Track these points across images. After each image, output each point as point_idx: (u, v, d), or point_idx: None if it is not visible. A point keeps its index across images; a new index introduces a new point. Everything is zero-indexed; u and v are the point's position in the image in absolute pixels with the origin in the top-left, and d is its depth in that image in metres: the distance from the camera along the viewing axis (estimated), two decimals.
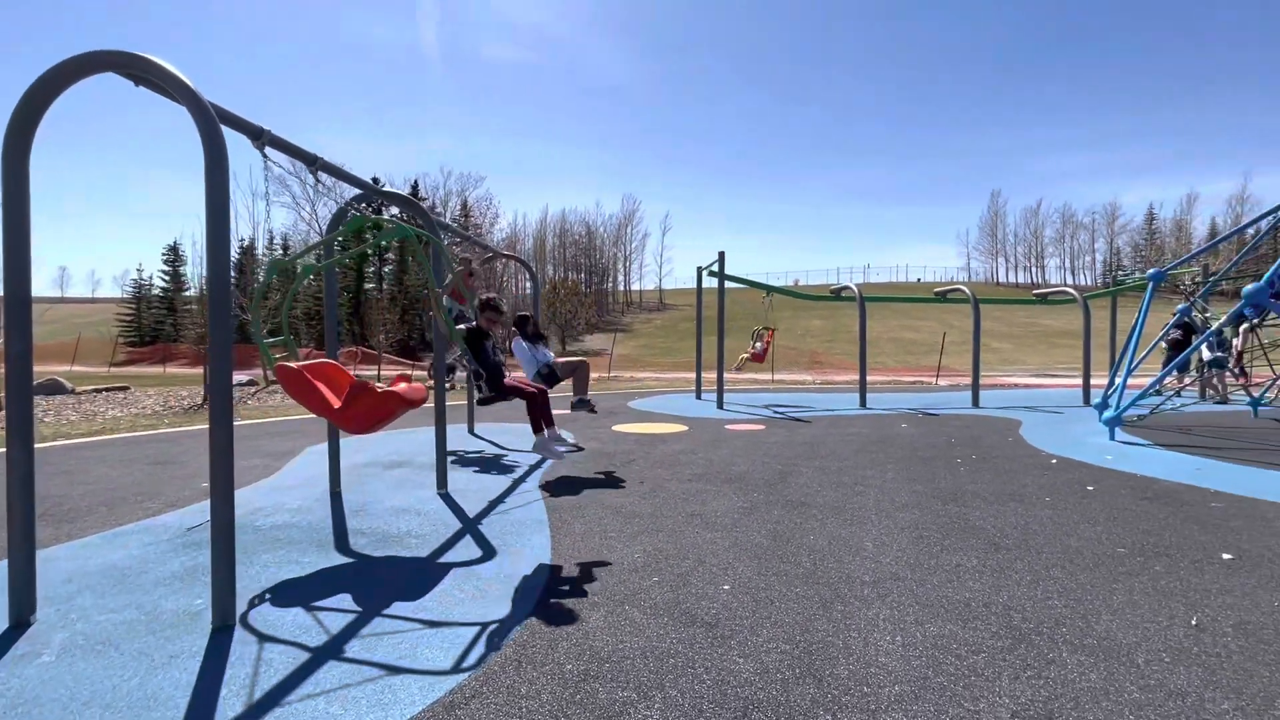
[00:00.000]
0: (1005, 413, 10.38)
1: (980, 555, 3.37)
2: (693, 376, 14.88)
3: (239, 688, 2.08)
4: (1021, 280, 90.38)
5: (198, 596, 2.80)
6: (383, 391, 3.29)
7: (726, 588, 2.94)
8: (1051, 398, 13.48)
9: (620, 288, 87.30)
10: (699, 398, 12.93)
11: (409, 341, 48.72)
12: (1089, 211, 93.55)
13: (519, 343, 6.19)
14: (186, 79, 2.56)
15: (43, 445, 6.73)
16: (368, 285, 56.20)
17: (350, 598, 2.84)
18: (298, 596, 2.85)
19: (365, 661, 2.26)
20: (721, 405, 11.10)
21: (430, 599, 2.82)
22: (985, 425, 8.77)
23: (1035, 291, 15.29)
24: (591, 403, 6.57)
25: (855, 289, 12.00)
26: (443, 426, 4.90)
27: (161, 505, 4.38)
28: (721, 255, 11.02)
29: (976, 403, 11.75)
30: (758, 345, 12.98)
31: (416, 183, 60.90)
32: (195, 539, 3.62)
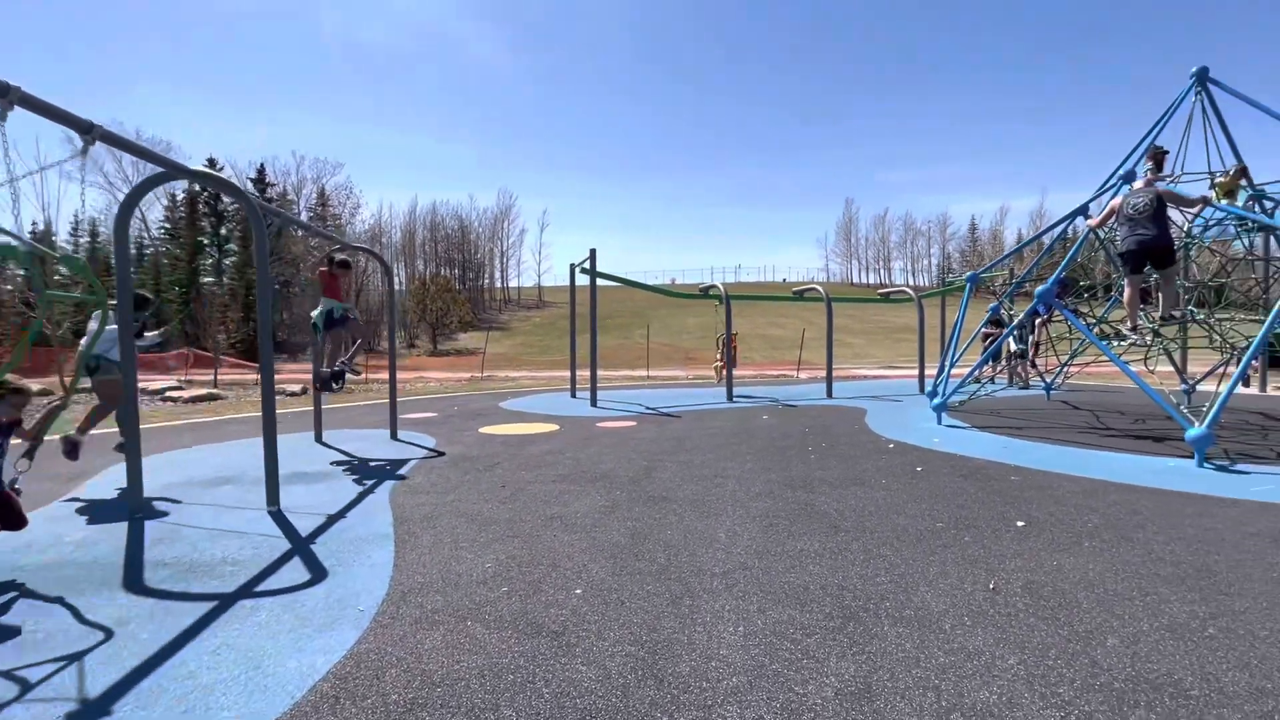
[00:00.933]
0: (854, 402, 11.31)
1: (822, 539, 3.57)
2: (573, 373, 14.72)
3: None
4: (872, 281, 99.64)
5: None
6: None
7: (579, 592, 2.86)
8: (894, 387, 14.92)
9: (497, 284, 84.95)
10: (574, 396, 12.82)
11: (258, 340, 44.06)
12: (926, 220, 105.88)
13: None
14: None
15: None
16: (205, 279, 50.06)
17: (123, 646, 2.40)
18: (48, 650, 2.37)
19: None
20: (595, 403, 11.08)
21: (237, 635, 2.47)
22: (836, 415, 9.48)
23: (879, 291, 16.85)
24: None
25: (721, 288, 12.51)
26: (272, 433, 4.38)
27: None
28: (593, 252, 10.98)
29: (830, 394, 12.70)
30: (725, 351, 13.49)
31: (263, 166, 55.12)
32: None
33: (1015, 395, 12.08)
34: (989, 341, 12.27)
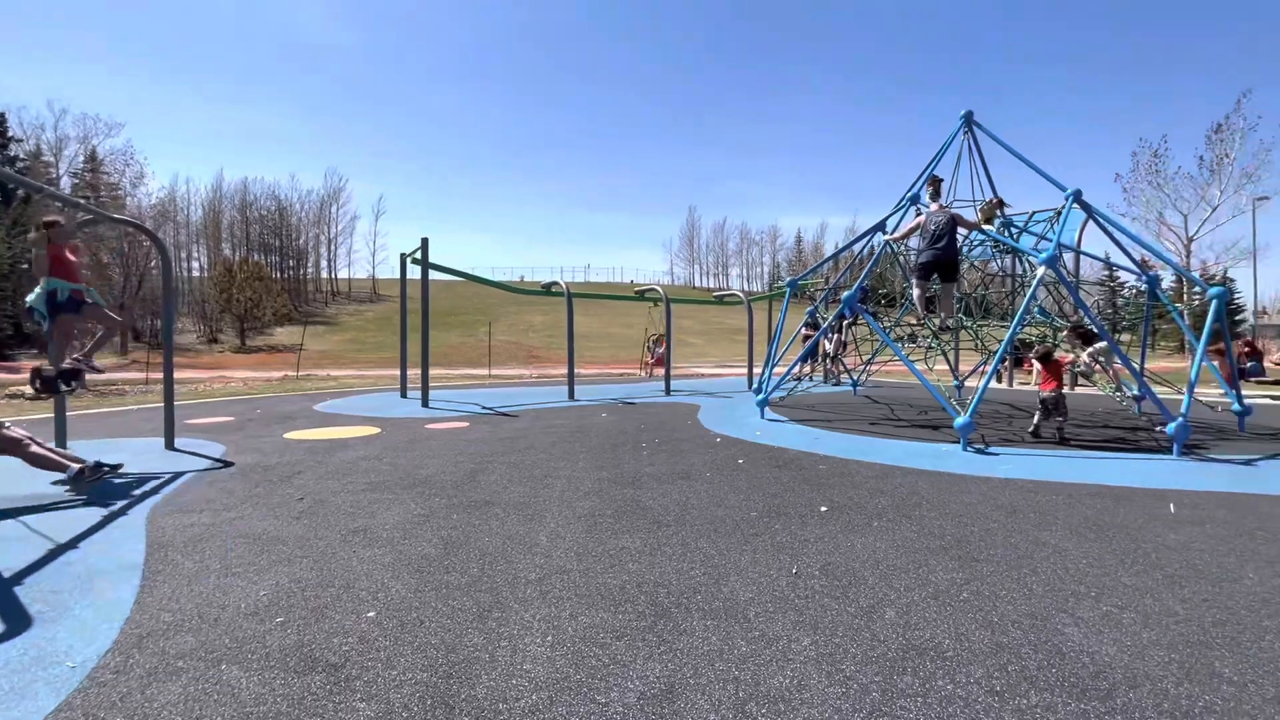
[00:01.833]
0: (690, 399, 11.78)
1: (644, 535, 3.55)
2: (403, 373, 13.65)
3: None
4: (713, 285, 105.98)
5: None
6: None
7: (371, 615, 2.53)
8: (727, 384, 15.84)
9: (324, 274, 77.12)
10: (404, 396, 11.91)
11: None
12: (759, 231, 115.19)
13: None
14: None
15: None
16: None
17: None
18: None
19: None
20: (426, 404, 10.36)
21: None
22: (672, 411, 9.78)
23: (714, 294, 17.83)
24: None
25: (564, 285, 12.36)
26: None
27: None
28: (424, 242, 10.25)
29: (669, 391, 13.14)
30: (658, 350, 12.96)
31: (3, 116, 44.64)
32: None
33: (827, 391, 13.39)
34: (807, 342, 13.42)
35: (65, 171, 49.00)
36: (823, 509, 4.10)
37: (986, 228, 8.06)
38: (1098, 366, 8.17)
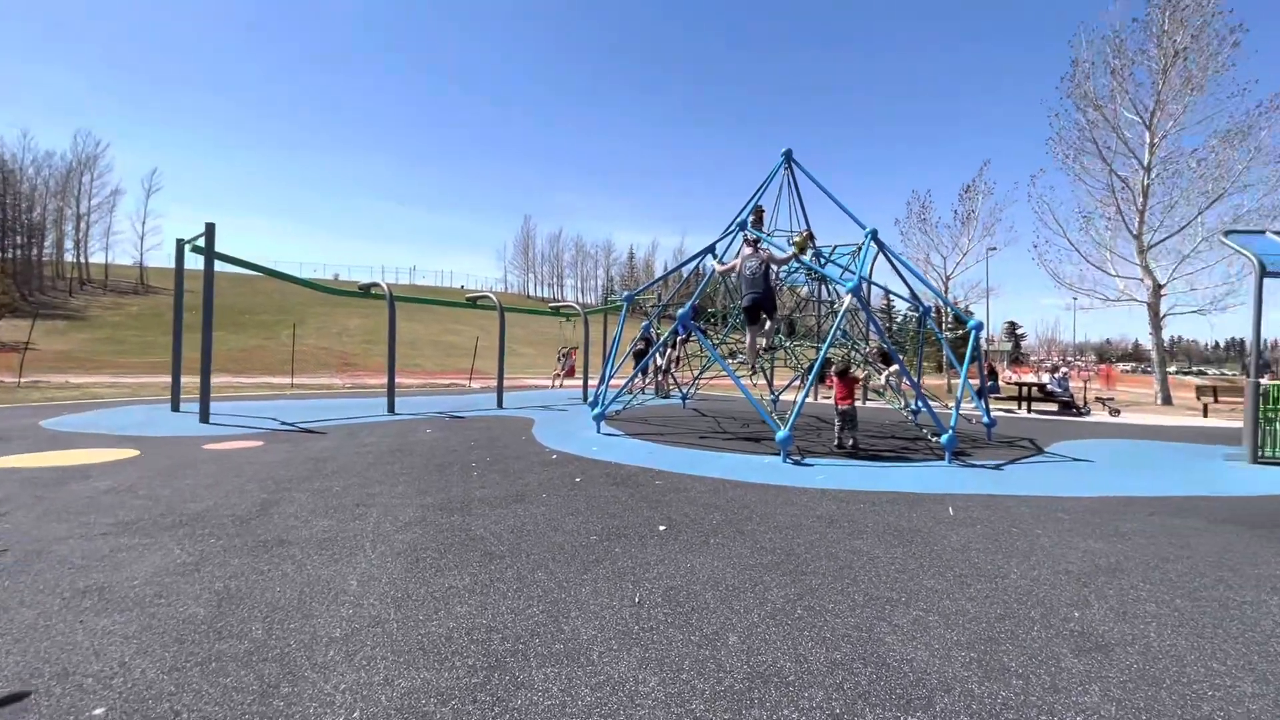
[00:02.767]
0: (524, 412, 11.38)
1: (475, 570, 3.20)
2: (176, 381, 11.42)
3: None
4: (547, 295, 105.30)
5: None
6: None
7: (99, 712, 1.90)
8: (563, 397, 15.63)
9: (69, 258, 63.10)
10: (176, 409, 9.96)
11: None
12: (594, 245, 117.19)
13: None
14: None
15: None
16: None
17: None
18: None
19: None
20: (206, 419, 8.74)
21: None
22: (505, 426, 9.33)
23: (550, 304, 17.59)
24: None
25: (385, 287, 11.28)
26: None
27: None
28: (210, 228, 8.69)
29: (501, 404, 12.59)
30: (568, 362, 11.42)
31: None
32: None
33: (659, 404, 13.80)
34: (640, 357, 13.69)
35: None
36: (661, 528, 4.06)
37: (801, 257, 8.86)
38: (889, 385, 9.36)
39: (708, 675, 2.21)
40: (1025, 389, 15.35)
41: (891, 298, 29.91)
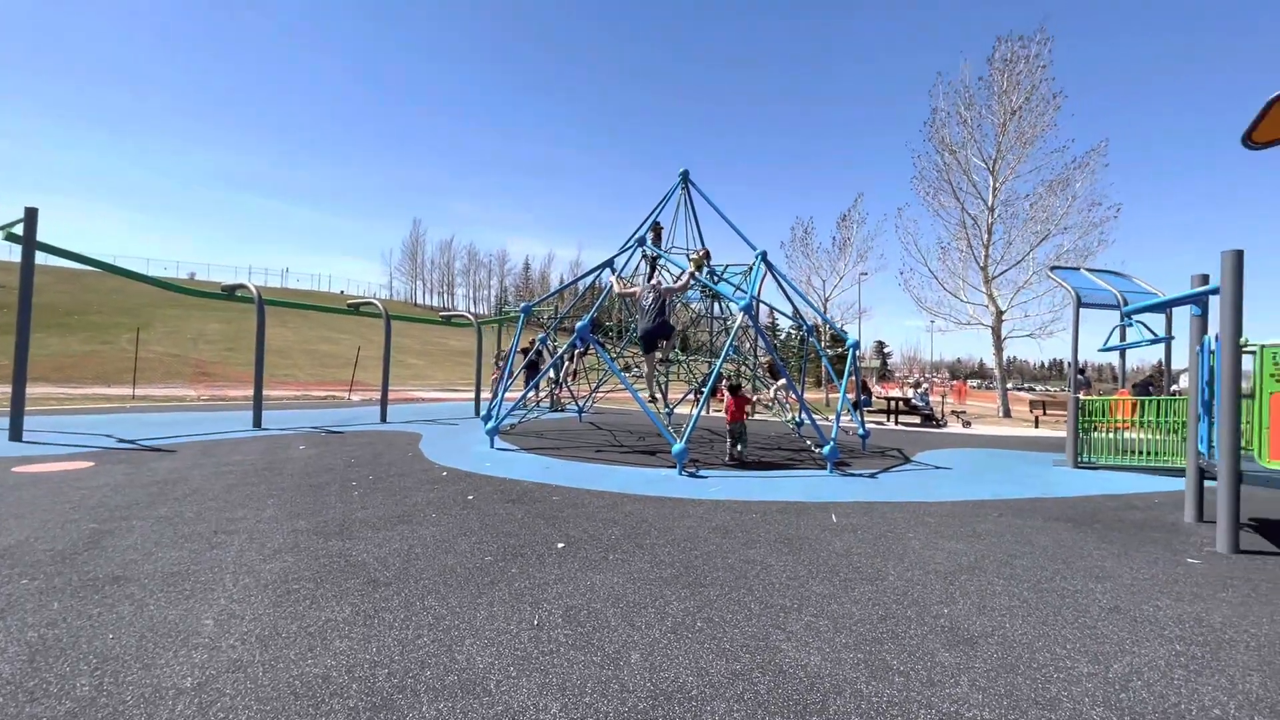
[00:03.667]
0: (410, 427, 10.76)
1: (356, 600, 2.94)
2: None
3: None
4: (436, 303, 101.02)
5: None
6: None
7: None
8: (453, 410, 14.97)
9: None
10: None
11: None
12: (488, 254, 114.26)
13: None
14: None
15: None
16: None
17: None
18: None
19: None
20: (19, 436, 7.46)
21: None
22: (389, 441, 8.77)
23: (440, 314, 16.86)
24: None
25: (253, 288, 10.26)
26: None
27: None
28: (31, 214, 7.48)
29: (385, 418, 11.83)
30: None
31: None
32: None
33: (555, 418, 13.61)
34: (534, 369, 13.45)
35: None
36: (559, 545, 3.96)
37: (697, 274, 9.14)
38: (776, 399, 9.84)
39: (611, 697, 2.16)
40: (893, 403, 16.77)
41: (778, 316, 31.62)
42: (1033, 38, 20.68)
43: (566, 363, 14.00)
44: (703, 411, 8.66)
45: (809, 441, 10.01)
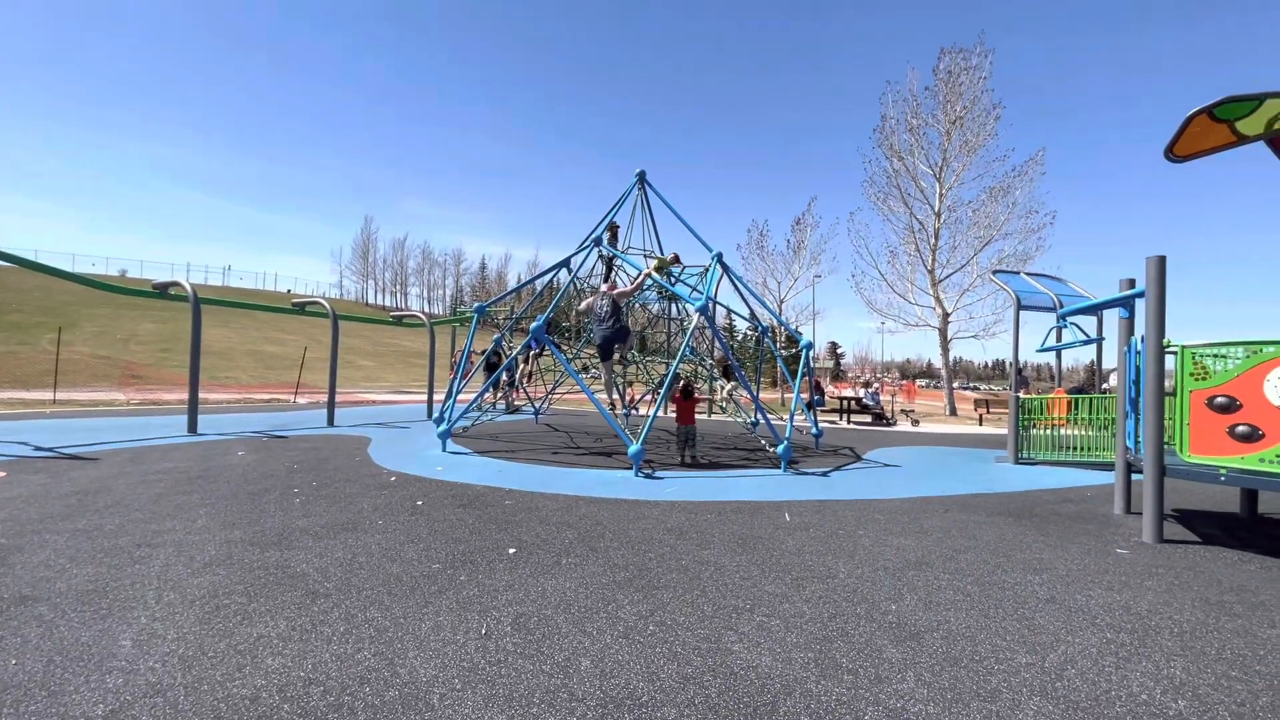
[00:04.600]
0: (359, 430, 10.41)
1: (293, 614, 2.79)
2: None
3: None
4: (389, 303, 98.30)
5: None
6: None
7: None
8: (404, 413, 14.56)
9: None
10: None
11: None
12: (443, 253, 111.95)
13: None
14: None
15: None
16: None
17: None
18: None
19: None
20: None
21: None
22: (335, 445, 8.45)
23: (392, 314, 16.40)
24: None
25: (189, 287, 9.73)
26: None
27: None
28: None
29: (332, 421, 11.42)
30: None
31: None
32: None
33: (510, 419, 13.40)
34: (490, 370, 13.23)
35: None
36: (511, 550, 3.87)
37: (656, 275, 9.14)
38: (732, 399, 9.92)
39: (559, 707, 2.10)
40: (845, 402, 17.17)
41: (734, 317, 32.01)
42: (974, 50, 21.56)
43: (522, 364, 13.81)
44: (659, 412, 8.64)
45: (764, 441, 10.14)
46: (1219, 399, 4.32)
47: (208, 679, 2.21)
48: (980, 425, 16.88)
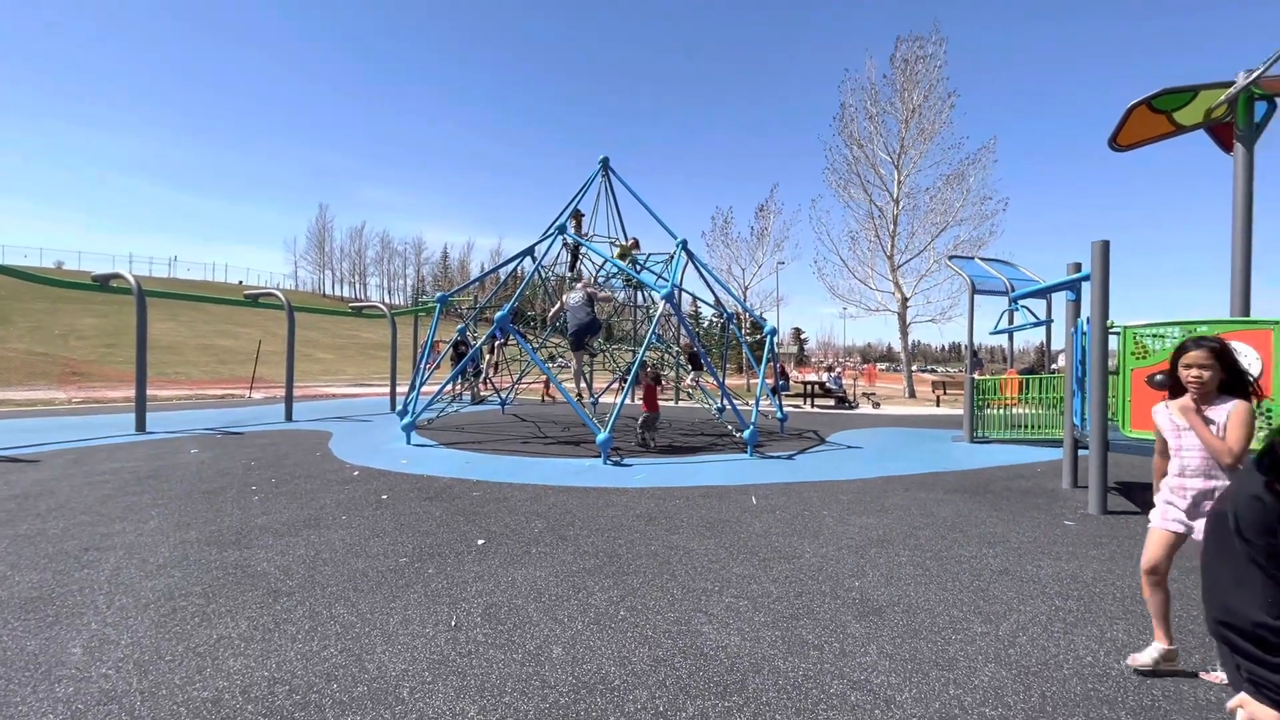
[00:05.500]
0: (319, 425, 10.15)
1: (254, 614, 2.72)
2: None
3: None
4: (347, 294, 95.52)
5: None
6: None
7: None
8: (365, 406, 14.25)
9: None
10: None
11: None
12: (403, 242, 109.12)
13: None
14: None
15: None
16: None
17: None
18: None
19: None
20: None
21: None
22: (295, 441, 8.23)
23: (351, 305, 15.97)
24: None
25: (132, 279, 9.28)
26: None
27: None
28: None
29: (290, 416, 11.10)
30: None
31: None
32: None
33: (475, 410, 13.24)
34: (457, 361, 13.03)
35: None
36: (480, 542, 3.85)
37: (621, 263, 9.11)
38: (698, 385, 10.00)
39: (531, 695, 2.11)
40: (809, 386, 17.49)
41: (700, 304, 32.18)
42: (929, 38, 21.95)
43: (487, 354, 13.64)
44: (626, 400, 8.67)
45: (730, 426, 10.27)
46: (1158, 377, 4.55)
47: (166, 683, 2.14)
48: (938, 406, 17.42)
